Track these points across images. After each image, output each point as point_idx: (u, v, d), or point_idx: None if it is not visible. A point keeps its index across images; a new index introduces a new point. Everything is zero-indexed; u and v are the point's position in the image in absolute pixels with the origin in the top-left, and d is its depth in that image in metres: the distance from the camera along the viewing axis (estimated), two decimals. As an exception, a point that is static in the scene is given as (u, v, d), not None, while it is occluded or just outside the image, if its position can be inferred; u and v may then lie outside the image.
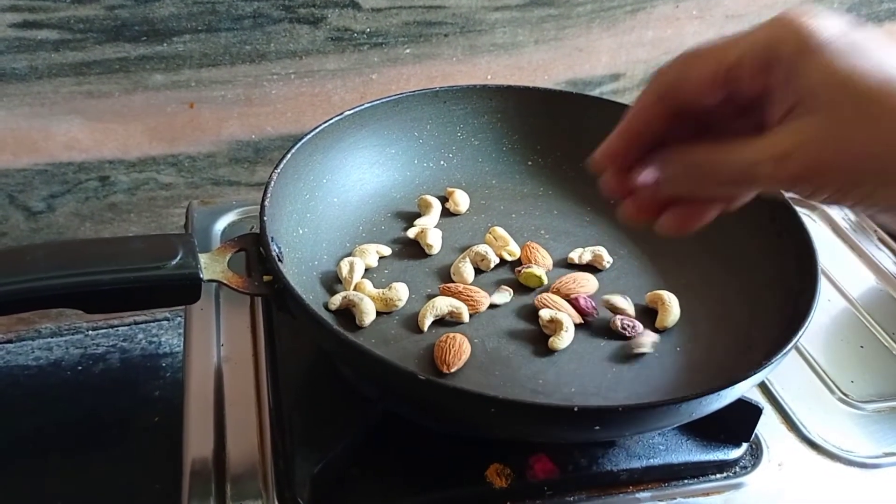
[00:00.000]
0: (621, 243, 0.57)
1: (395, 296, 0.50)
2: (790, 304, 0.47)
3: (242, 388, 0.50)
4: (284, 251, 0.48)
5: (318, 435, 0.45)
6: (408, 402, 0.43)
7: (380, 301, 0.50)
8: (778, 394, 0.52)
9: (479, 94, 0.62)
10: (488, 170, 0.62)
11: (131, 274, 0.43)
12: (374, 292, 0.50)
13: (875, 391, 0.54)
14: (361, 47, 0.73)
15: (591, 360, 0.48)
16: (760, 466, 0.48)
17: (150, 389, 0.77)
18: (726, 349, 0.48)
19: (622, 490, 0.45)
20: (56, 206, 0.74)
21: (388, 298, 0.50)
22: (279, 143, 0.76)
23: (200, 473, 0.45)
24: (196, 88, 0.71)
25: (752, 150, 0.33)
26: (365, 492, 0.43)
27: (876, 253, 0.66)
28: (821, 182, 0.31)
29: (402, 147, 0.60)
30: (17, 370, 0.78)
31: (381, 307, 0.50)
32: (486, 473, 0.44)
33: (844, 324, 0.59)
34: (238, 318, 0.55)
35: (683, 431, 0.47)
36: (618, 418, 0.39)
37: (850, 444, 0.50)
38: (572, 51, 0.79)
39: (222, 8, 0.67)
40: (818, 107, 0.31)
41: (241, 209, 0.65)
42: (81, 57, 0.67)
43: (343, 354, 0.44)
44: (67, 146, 0.71)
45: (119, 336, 0.82)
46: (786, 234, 0.51)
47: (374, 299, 0.50)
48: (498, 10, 0.74)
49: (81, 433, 0.73)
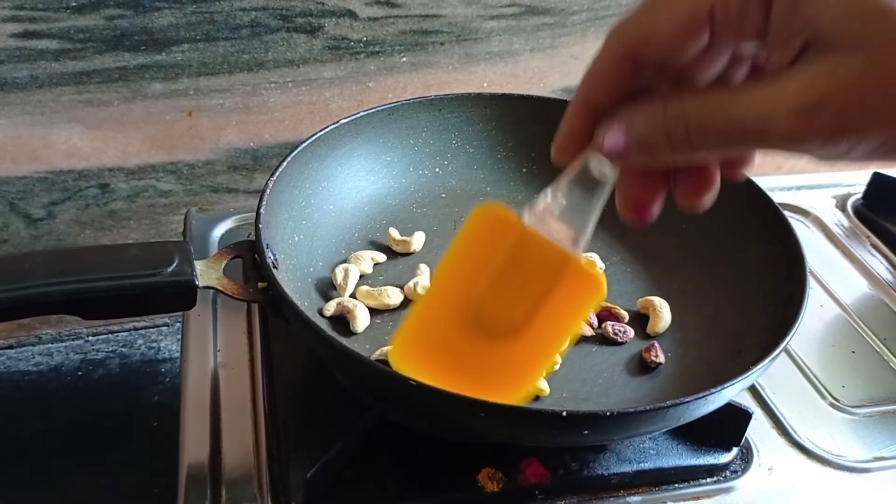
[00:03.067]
0: (613, 250, 0.58)
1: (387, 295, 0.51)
2: (779, 309, 0.47)
3: (238, 393, 0.50)
4: (280, 258, 0.49)
5: (312, 439, 0.45)
6: (400, 407, 0.43)
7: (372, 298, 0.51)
8: (769, 398, 0.53)
9: (475, 102, 0.62)
10: (483, 177, 0.63)
11: (128, 281, 0.43)
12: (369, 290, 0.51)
13: (866, 396, 0.54)
14: (358, 56, 0.74)
15: (583, 366, 0.49)
16: (751, 471, 0.48)
17: (150, 394, 0.77)
18: (716, 354, 0.49)
19: (613, 494, 0.46)
20: (56, 213, 0.75)
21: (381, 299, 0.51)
22: (277, 150, 0.77)
23: (196, 477, 0.45)
24: (195, 97, 0.72)
25: (762, 99, 0.27)
26: (358, 496, 0.44)
27: (868, 258, 0.67)
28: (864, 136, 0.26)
29: (397, 155, 0.61)
30: (18, 375, 0.78)
31: (374, 304, 0.51)
32: (477, 477, 0.44)
33: (836, 329, 0.60)
34: (234, 324, 0.55)
35: (674, 436, 0.48)
36: (607, 423, 0.39)
37: (841, 448, 0.50)
38: (567, 59, 0.80)
39: (220, 17, 0.68)
40: (851, 43, 0.25)
41: (239, 216, 0.65)
42: (81, 66, 0.67)
43: (336, 360, 0.44)
44: (67, 154, 0.72)
45: (119, 341, 0.82)
46: (776, 240, 0.51)
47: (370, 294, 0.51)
48: (493, 18, 0.75)
49: (81, 438, 0.73)
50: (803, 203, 0.72)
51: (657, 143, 0.29)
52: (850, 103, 0.25)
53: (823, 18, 0.25)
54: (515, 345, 0.36)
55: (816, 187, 0.75)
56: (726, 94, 0.28)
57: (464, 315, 0.36)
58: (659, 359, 0.49)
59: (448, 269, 0.37)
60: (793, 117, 0.26)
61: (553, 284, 0.35)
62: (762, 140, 0.27)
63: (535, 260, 0.35)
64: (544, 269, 0.35)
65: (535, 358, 0.37)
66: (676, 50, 0.28)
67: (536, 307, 0.35)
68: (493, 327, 0.36)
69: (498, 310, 0.36)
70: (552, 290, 0.35)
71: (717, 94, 0.29)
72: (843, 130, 0.26)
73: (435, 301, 0.37)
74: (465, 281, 0.36)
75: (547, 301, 0.35)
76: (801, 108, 0.26)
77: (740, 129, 0.27)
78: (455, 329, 0.36)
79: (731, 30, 0.27)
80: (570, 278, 0.35)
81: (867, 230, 0.69)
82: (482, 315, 0.36)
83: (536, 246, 0.35)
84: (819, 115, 0.25)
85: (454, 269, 0.37)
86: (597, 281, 0.36)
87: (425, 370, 0.37)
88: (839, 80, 0.25)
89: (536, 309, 0.35)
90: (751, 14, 0.27)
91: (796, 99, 0.26)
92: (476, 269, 0.36)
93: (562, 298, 0.35)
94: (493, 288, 0.36)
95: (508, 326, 0.36)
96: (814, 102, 0.25)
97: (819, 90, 0.25)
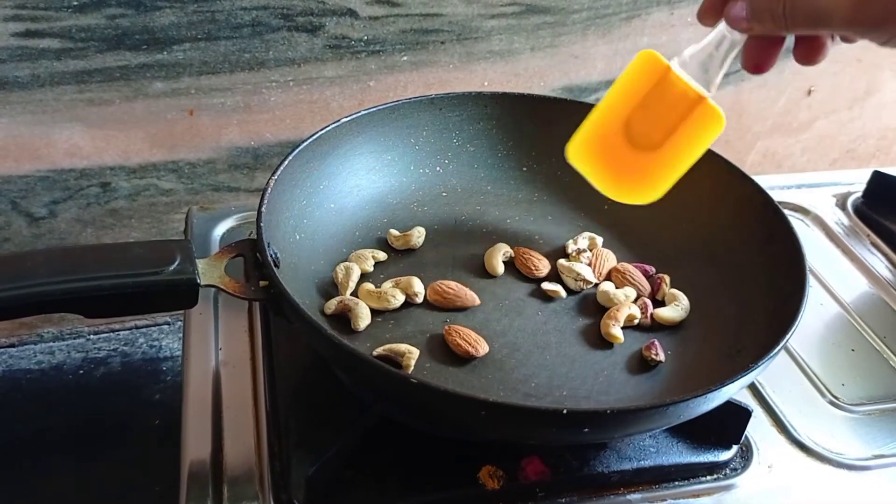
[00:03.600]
0: (615, 248, 0.58)
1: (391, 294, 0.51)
2: (779, 308, 0.47)
3: (240, 392, 0.50)
4: (281, 256, 0.49)
5: (313, 437, 0.45)
6: (401, 405, 0.43)
7: (374, 299, 0.51)
8: (769, 396, 0.53)
9: (475, 100, 0.62)
10: (483, 176, 0.63)
11: (129, 279, 0.43)
12: (372, 290, 0.51)
13: (865, 394, 0.54)
14: (359, 55, 0.74)
15: (583, 364, 0.49)
16: (750, 468, 0.48)
17: (151, 393, 0.78)
18: (716, 352, 0.49)
19: (613, 492, 0.46)
20: (58, 211, 0.75)
21: (384, 298, 0.51)
22: (278, 149, 0.77)
23: (198, 475, 0.45)
24: (196, 96, 0.72)
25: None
26: (359, 493, 0.44)
27: (868, 257, 0.67)
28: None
29: (398, 153, 0.61)
30: (20, 374, 0.78)
31: (376, 305, 0.51)
32: (478, 475, 0.44)
33: (836, 327, 0.60)
34: (236, 322, 0.55)
35: (674, 433, 0.48)
36: (607, 421, 0.39)
37: (840, 446, 0.50)
38: (568, 58, 0.80)
39: (221, 17, 0.68)
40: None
41: (241, 215, 0.65)
42: (83, 65, 0.68)
43: (337, 358, 0.45)
44: (69, 153, 0.72)
45: (120, 340, 0.82)
46: (776, 239, 0.51)
47: (371, 295, 0.51)
48: (494, 17, 0.75)
49: (83, 436, 0.73)
50: (803, 201, 0.72)
51: (765, 18, 0.38)
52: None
53: None
54: (654, 157, 0.48)
55: (816, 186, 0.75)
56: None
57: (622, 128, 0.48)
58: (659, 357, 0.49)
59: (614, 93, 0.48)
60: (849, 7, 0.33)
61: (686, 115, 0.46)
62: (830, 23, 0.35)
63: (675, 95, 0.46)
64: (680, 103, 0.46)
65: (666, 170, 0.48)
66: None
67: (672, 131, 0.47)
68: (640, 141, 0.48)
69: (644, 129, 0.48)
70: (685, 120, 0.47)
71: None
72: (887, 19, 0.32)
73: (603, 115, 0.49)
74: (625, 103, 0.48)
75: (681, 127, 0.47)
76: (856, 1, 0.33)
77: (816, 14, 0.35)
78: (614, 138, 0.49)
79: None
80: (700, 112, 0.46)
81: (867, 228, 0.70)
82: (633, 131, 0.48)
83: (677, 84, 0.46)
84: (869, 5, 0.33)
85: (618, 93, 0.48)
86: (719, 116, 0.46)
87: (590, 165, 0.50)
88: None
89: (672, 132, 0.47)
90: None
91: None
92: (633, 96, 0.48)
93: (692, 127, 0.47)
94: (642, 112, 0.48)
95: (650, 143, 0.48)
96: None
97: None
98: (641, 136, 0.48)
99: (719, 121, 0.46)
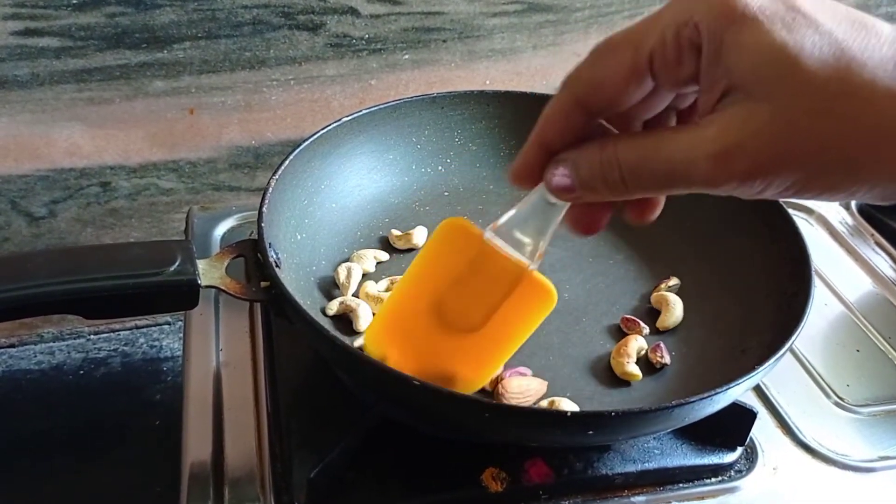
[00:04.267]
0: (617, 248, 0.57)
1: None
2: (784, 308, 0.47)
3: (241, 393, 0.50)
4: (282, 257, 0.49)
5: (315, 438, 0.45)
6: (403, 406, 0.43)
7: (376, 301, 0.50)
8: (773, 398, 0.52)
9: (477, 99, 0.62)
10: (486, 175, 0.62)
11: (130, 280, 0.43)
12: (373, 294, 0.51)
13: (871, 395, 0.54)
14: (360, 53, 0.73)
15: (587, 365, 0.49)
16: (755, 470, 0.48)
17: (152, 393, 0.77)
18: (721, 354, 0.49)
19: (617, 494, 0.46)
20: (58, 211, 0.75)
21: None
22: (279, 148, 0.77)
23: (199, 476, 0.45)
24: (196, 95, 0.71)
25: (684, 145, 0.28)
26: (361, 495, 0.43)
27: (873, 257, 0.66)
28: (774, 178, 0.27)
29: (400, 153, 0.60)
30: (20, 374, 0.78)
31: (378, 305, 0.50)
32: (481, 477, 0.44)
33: (841, 328, 0.59)
34: (237, 323, 0.55)
35: (678, 435, 0.48)
36: (612, 423, 0.39)
37: (846, 447, 0.50)
38: (570, 56, 0.80)
39: (222, 15, 0.68)
40: (762, 92, 0.26)
41: (241, 214, 0.65)
42: (82, 64, 0.67)
43: (339, 359, 0.44)
44: (69, 152, 0.72)
45: (120, 340, 0.82)
46: (780, 239, 0.51)
47: (372, 298, 0.50)
48: (496, 15, 0.75)
49: (83, 437, 0.73)
50: (807, 201, 0.72)
51: (597, 186, 0.31)
52: (761, 150, 0.26)
53: (740, 67, 0.27)
54: (473, 342, 0.40)
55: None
56: (655, 139, 0.29)
57: (430, 311, 0.41)
58: (664, 360, 0.49)
59: (418, 270, 0.41)
60: (710, 162, 0.27)
61: (508, 292, 0.39)
62: (687, 183, 0.28)
63: (493, 270, 0.39)
64: (500, 279, 0.39)
65: (488, 355, 0.41)
66: (622, 96, 0.30)
67: (493, 311, 0.40)
68: (454, 325, 0.41)
69: (459, 310, 0.40)
70: (508, 297, 0.39)
71: (648, 138, 0.30)
72: (755, 174, 0.27)
73: (406, 296, 0.42)
74: (432, 282, 0.40)
75: (503, 306, 0.39)
76: (718, 154, 0.27)
77: (668, 173, 0.28)
78: (422, 322, 0.41)
79: (670, 76, 0.29)
80: (525, 287, 0.39)
81: (871, 228, 0.69)
82: (445, 313, 0.41)
83: (494, 258, 0.38)
84: (733, 160, 0.27)
85: (423, 270, 0.41)
86: (548, 290, 0.39)
87: (393, 355, 0.41)
88: (751, 127, 0.26)
89: (493, 313, 0.40)
90: (685, 61, 0.28)
91: (713, 145, 0.27)
92: (442, 273, 0.40)
93: (516, 305, 0.40)
94: (456, 291, 0.40)
95: (467, 325, 0.40)
96: (728, 148, 0.27)
97: (733, 137, 0.27)
98: (457, 317, 0.40)
99: (549, 296, 0.39)
